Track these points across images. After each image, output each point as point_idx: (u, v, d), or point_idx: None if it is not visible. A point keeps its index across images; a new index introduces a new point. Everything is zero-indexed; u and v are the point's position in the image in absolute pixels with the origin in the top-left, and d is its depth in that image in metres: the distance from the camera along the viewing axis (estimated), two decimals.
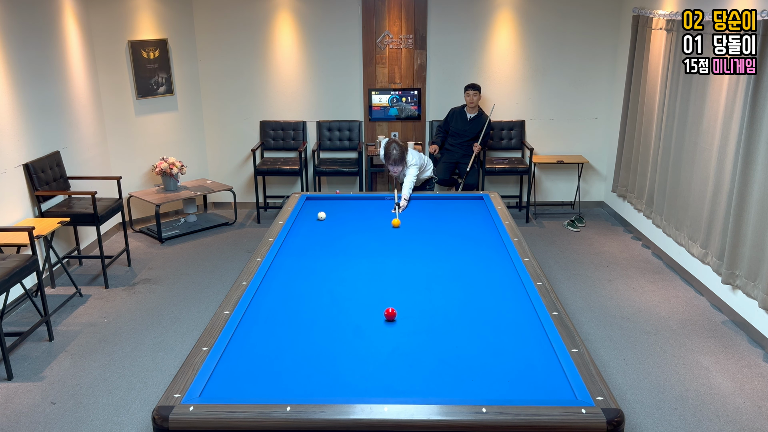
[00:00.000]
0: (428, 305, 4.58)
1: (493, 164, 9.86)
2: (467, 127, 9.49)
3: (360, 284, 4.97)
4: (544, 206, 10.69)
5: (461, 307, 4.56)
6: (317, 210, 6.88)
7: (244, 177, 10.70)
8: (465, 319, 4.35)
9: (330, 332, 4.20)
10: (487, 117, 9.49)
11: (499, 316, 4.39)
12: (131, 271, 8.32)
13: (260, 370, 3.79)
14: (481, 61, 10.06)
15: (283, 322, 4.35)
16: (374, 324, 4.29)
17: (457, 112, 9.66)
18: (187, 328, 6.80)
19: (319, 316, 4.44)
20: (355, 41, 10.02)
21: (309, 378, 3.71)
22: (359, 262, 5.44)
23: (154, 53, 9.64)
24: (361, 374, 3.73)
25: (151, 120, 9.83)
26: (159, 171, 9.49)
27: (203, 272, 8.26)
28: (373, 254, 5.61)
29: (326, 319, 4.39)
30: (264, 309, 4.54)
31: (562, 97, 10.18)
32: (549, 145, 10.38)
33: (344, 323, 4.32)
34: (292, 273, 5.22)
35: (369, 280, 5.04)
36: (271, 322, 4.34)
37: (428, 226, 6.42)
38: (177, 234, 9.57)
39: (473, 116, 9.50)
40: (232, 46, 10.09)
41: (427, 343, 4.05)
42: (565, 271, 8.10)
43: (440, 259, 5.49)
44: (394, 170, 7.71)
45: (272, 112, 10.38)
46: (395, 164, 7.66)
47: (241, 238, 9.45)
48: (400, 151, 7.67)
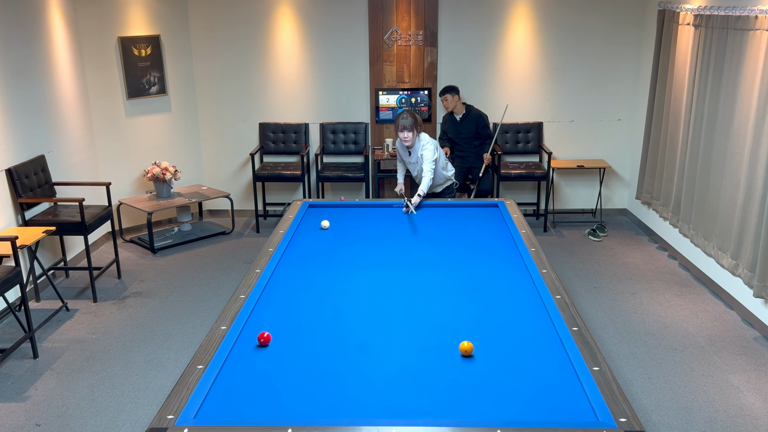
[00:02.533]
0: (439, 320, 4.58)
1: (508, 169, 9.86)
2: (460, 128, 9.50)
3: (365, 297, 4.98)
4: (563, 214, 10.70)
5: (474, 321, 4.56)
6: (320, 218, 6.90)
7: (242, 183, 10.72)
8: (478, 335, 4.35)
9: (334, 348, 4.21)
10: (477, 113, 9.48)
11: (515, 332, 4.39)
12: (121, 284, 8.34)
13: (259, 390, 3.79)
14: (495, 59, 10.07)
15: (283, 338, 4.35)
16: (381, 339, 4.29)
17: (447, 117, 9.69)
18: (181, 344, 6.82)
19: (322, 331, 4.45)
20: (361, 38, 10.04)
21: (311, 398, 3.71)
22: (365, 273, 5.44)
23: (145, 50, 9.66)
24: (366, 393, 3.74)
25: (143, 122, 9.86)
26: (151, 176, 9.51)
27: (198, 285, 8.27)
28: (380, 265, 5.61)
29: (330, 334, 4.40)
30: (263, 324, 4.55)
31: (583, 97, 10.19)
32: (568, 149, 10.39)
33: (349, 339, 4.32)
34: (293, 285, 5.23)
35: (375, 293, 5.04)
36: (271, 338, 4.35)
37: (439, 235, 6.42)
38: (170, 244, 9.60)
39: (461, 116, 9.50)
40: (229, 43, 10.12)
41: (437, 361, 4.05)
42: (585, 284, 8.10)
43: (452, 271, 5.50)
44: (406, 137, 7.68)
45: (272, 113, 10.40)
46: (405, 129, 7.66)
47: (239, 249, 9.47)
48: (413, 117, 7.72)
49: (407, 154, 7.93)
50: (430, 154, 7.61)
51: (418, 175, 8.09)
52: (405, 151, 7.96)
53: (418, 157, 7.82)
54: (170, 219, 10.55)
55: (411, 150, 7.81)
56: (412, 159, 7.88)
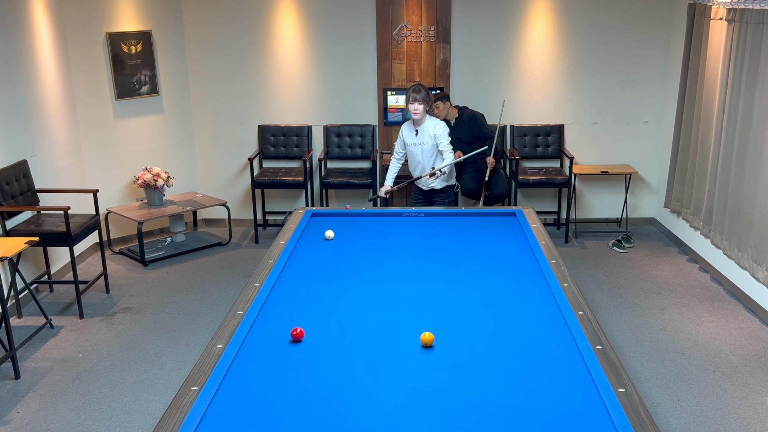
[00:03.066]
0: (452, 338, 4.58)
1: (527, 175, 9.87)
2: (456, 133, 9.45)
3: (373, 313, 4.98)
4: (586, 224, 10.69)
5: (490, 339, 4.55)
6: (324, 228, 6.89)
7: (240, 190, 10.74)
8: (495, 354, 4.35)
9: (339, 369, 4.20)
10: (471, 114, 9.39)
11: (534, 351, 4.39)
12: (110, 299, 8.36)
13: (258, 413, 3.79)
14: (513, 57, 10.08)
15: (284, 358, 4.35)
16: (390, 359, 4.29)
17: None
18: (174, 364, 6.82)
19: (326, 350, 4.45)
20: (368, 34, 10.06)
21: (315, 422, 3.70)
22: (372, 288, 5.44)
23: (136, 47, 9.69)
24: (374, 417, 3.73)
25: (133, 124, 9.88)
26: (142, 183, 9.53)
27: (193, 300, 8.28)
28: (389, 279, 5.61)
29: (334, 353, 4.40)
30: (263, 342, 4.55)
31: (607, 98, 10.20)
32: (592, 154, 10.39)
33: (355, 358, 4.32)
34: (295, 301, 5.23)
35: (383, 309, 5.04)
36: (271, 358, 4.35)
37: (452, 246, 6.42)
38: (162, 256, 9.61)
39: (454, 121, 9.48)
40: (226, 39, 10.15)
41: (451, 382, 4.05)
42: (610, 299, 8.09)
43: (466, 285, 5.49)
44: (416, 110, 8.00)
45: (272, 115, 10.43)
46: (416, 101, 8.00)
47: (237, 261, 9.48)
48: (426, 90, 8.04)
49: (413, 135, 8.12)
50: (445, 131, 8.09)
51: (418, 168, 8.25)
52: (411, 132, 8.16)
53: (424, 139, 7.95)
54: (162, 229, 10.58)
55: (418, 129, 8.07)
56: (417, 140, 8.14)
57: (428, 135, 8.14)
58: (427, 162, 8.32)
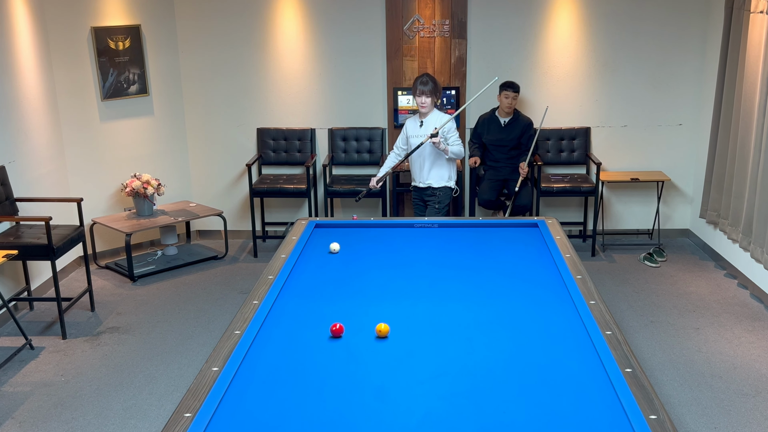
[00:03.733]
0: (469, 360, 4.58)
1: (550, 183, 9.87)
2: (503, 135, 9.52)
3: None
4: (614, 235, 10.69)
5: (510, 362, 4.56)
6: (329, 240, 6.90)
7: (237, 199, 10.76)
8: (515, 378, 4.35)
9: (345, 394, 4.21)
10: (527, 119, 9.51)
11: (558, 374, 4.39)
12: (95, 318, 8.38)
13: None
14: (534, 54, 10.09)
15: (286, 382, 4.36)
16: (401, 384, 4.29)
17: (487, 119, 9.77)
18: (165, 388, 6.83)
19: (331, 373, 4.45)
20: (376, 28, 10.08)
21: None
22: (382, 306, 5.44)
23: (123, 43, 9.72)
24: None
25: (121, 127, 9.91)
26: (130, 191, 9.55)
27: (186, 319, 8.30)
28: (400, 296, 5.61)
29: (340, 377, 4.40)
30: (262, 365, 4.56)
31: (637, 98, 10.21)
32: (621, 159, 10.39)
33: (363, 383, 4.32)
34: (297, 320, 5.24)
35: (394, 329, 5.03)
36: (271, 382, 4.35)
37: (469, 260, 6.43)
38: (153, 270, 9.64)
39: (508, 120, 9.55)
40: (222, 34, 10.18)
41: (467, 409, 4.05)
42: (641, 318, 8.09)
43: (484, 303, 5.49)
44: (423, 102, 8.29)
45: (272, 117, 10.45)
46: (424, 94, 8.28)
47: (234, 276, 9.50)
48: (434, 82, 8.29)
49: (417, 127, 8.28)
50: (452, 126, 8.38)
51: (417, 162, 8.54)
52: (415, 123, 8.36)
53: (429, 132, 8.09)
54: (152, 241, 10.60)
55: (423, 121, 8.36)
56: (422, 132, 8.37)
57: (433, 128, 8.29)
58: (428, 157, 8.50)
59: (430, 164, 8.53)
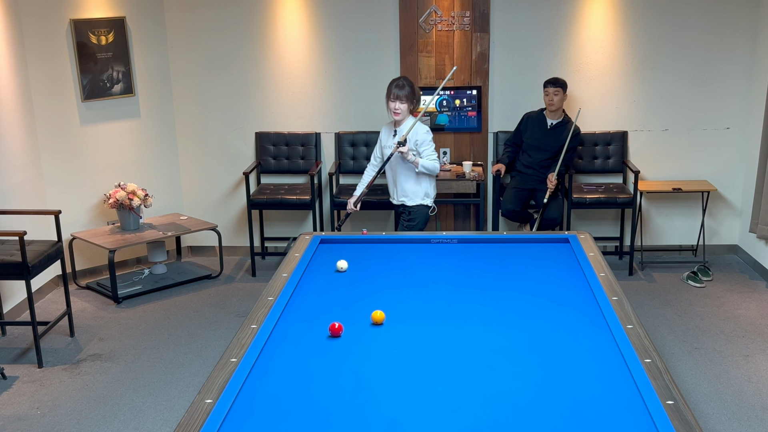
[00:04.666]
0: (492, 391, 4.58)
1: (582, 193, 9.87)
2: (547, 139, 9.53)
3: (396, 361, 4.98)
4: (654, 252, 10.69)
5: (538, 393, 4.55)
6: (336, 257, 6.91)
7: (233, 211, 10.78)
8: (543, 411, 4.35)
9: (354, 428, 4.21)
10: (575, 128, 9.49)
11: (592, 407, 4.38)
12: (75, 344, 8.39)
13: None
14: (565, 49, 10.09)
15: (287, 415, 4.36)
16: (417, 417, 4.29)
17: (533, 117, 9.76)
18: (153, 423, 6.84)
19: (338, 406, 4.45)
20: (388, 21, 10.10)
21: None
22: (395, 330, 5.44)
23: (106, 37, 9.74)
24: None
25: (103, 131, 9.93)
26: (114, 203, 9.55)
27: (176, 345, 8.31)
28: (415, 319, 5.61)
29: (349, 410, 4.40)
30: (261, 397, 4.56)
31: (680, 99, 10.20)
32: (661, 167, 10.38)
33: (373, 416, 4.32)
34: (300, 346, 5.24)
35: (409, 355, 5.05)
36: (271, 415, 4.36)
37: (491, 279, 6.42)
38: (139, 291, 9.65)
39: (556, 123, 9.57)
40: (216, 28, 10.20)
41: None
42: (684, 344, 8.08)
43: (508, 327, 5.49)
44: (397, 109, 8.24)
45: (273, 120, 10.46)
46: (398, 99, 8.23)
47: (230, 297, 9.51)
48: (411, 87, 8.28)
49: (390, 136, 8.38)
50: (428, 137, 8.36)
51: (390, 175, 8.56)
52: (389, 131, 8.45)
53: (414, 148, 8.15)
54: (139, 259, 10.62)
55: (397, 130, 8.34)
56: (393, 141, 8.32)
57: (408, 138, 8.28)
58: (399, 171, 8.50)
59: (403, 179, 8.52)
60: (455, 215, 10.41)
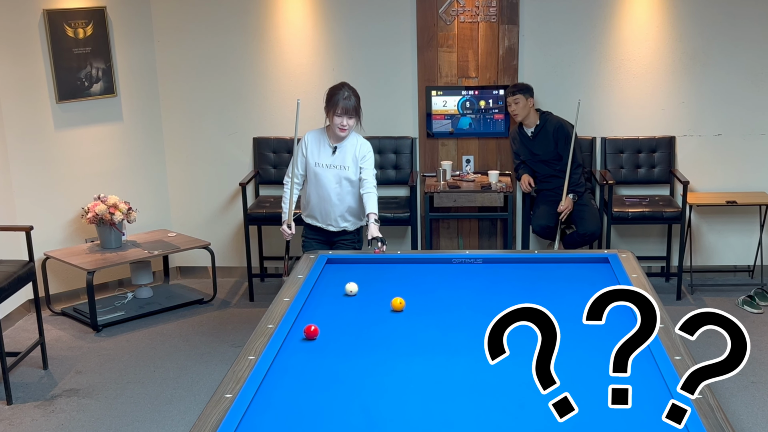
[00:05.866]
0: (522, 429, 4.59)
1: (623, 206, 9.87)
2: (534, 147, 9.64)
3: (412, 397, 4.98)
4: (706, 273, 10.68)
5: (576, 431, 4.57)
6: (345, 280, 6.91)
7: (228, 227, 10.80)
8: None
9: None
10: (557, 122, 9.52)
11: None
12: (49, 377, 8.41)
13: None
14: (604, 43, 10.10)
15: None
16: None
17: (515, 133, 9.92)
18: None
19: None
20: (404, 12, 10.12)
21: None
22: (411, 362, 5.44)
23: (84, 30, 9.77)
24: None
25: (81, 136, 9.95)
26: (93, 218, 9.57)
27: (163, 379, 8.32)
28: (433, 350, 5.62)
29: None
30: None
31: (735, 100, 10.20)
32: (714, 177, 10.38)
33: None
34: (304, 380, 5.25)
35: (427, 393, 5.04)
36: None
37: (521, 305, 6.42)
38: (121, 318, 9.67)
39: (534, 129, 9.64)
40: (210, 20, 10.23)
41: None
42: (739, 377, 8.06)
43: None
44: (344, 125, 7.88)
45: (273, 124, 10.49)
46: (347, 113, 7.88)
47: (224, 325, 9.52)
48: (357, 98, 7.99)
49: (327, 152, 8.02)
50: (372, 156, 8.10)
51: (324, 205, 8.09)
52: (323, 145, 8.05)
53: (345, 161, 7.88)
54: (121, 281, 10.64)
55: (338, 146, 8.01)
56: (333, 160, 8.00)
57: (351, 156, 8.05)
58: (343, 199, 8.15)
59: (342, 208, 8.18)
60: (480, 231, 10.42)
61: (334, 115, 7.88)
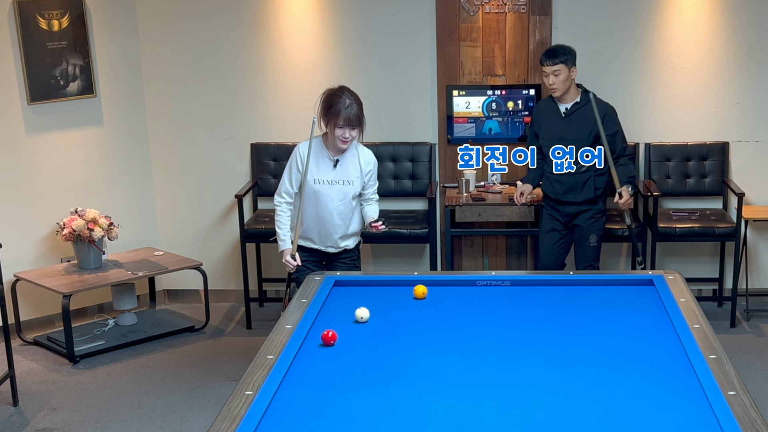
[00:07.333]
0: None
1: (670, 222, 9.88)
2: (564, 130, 9.10)
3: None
4: (763, 297, 10.67)
5: None
6: (354, 305, 6.91)
7: (222, 245, 10.82)
8: None
9: None
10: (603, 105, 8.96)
11: None
12: (19, 415, 8.42)
13: None
14: (648, 37, 10.11)
15: None
16: None
17: (543, 106, 9.38)
18: None
19: None
20: (422, 1, 10.13)
21: None
22: (431, 398, 5.42)
23: (60, 22, 9.79)
24: None
25: (56, 142, 9.98)
26: (69, 234, 9.58)
27: (149, 417, 8.33)
28: (457, 384, 5.60)
29: None
30: None
31: None
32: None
33: None
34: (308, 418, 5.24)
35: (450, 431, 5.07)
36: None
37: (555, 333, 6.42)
38: (102, 348, 9.68)
39: (571, 106, 9.12)
40: (201, 11, 10.25)
41: None
42: None
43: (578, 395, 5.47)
44: (347, 137, 7.80)
45: (273, 128, 10.51)
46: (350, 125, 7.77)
47: (218, 356, 9.54)
48: (359, 105, 7.87)
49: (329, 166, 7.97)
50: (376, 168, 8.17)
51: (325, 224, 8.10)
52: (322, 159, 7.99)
53: (350, 176, 7.83)
54: (102, 306, 10.65)
55: (339, 159, 7.98)
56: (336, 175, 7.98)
57: (354, 169, 8.05)
58: (346, 218, 8.16)
59: (345, 228, 8.20)
60: (507, 250, 10.43)
61: (336, 126, 7.76)
